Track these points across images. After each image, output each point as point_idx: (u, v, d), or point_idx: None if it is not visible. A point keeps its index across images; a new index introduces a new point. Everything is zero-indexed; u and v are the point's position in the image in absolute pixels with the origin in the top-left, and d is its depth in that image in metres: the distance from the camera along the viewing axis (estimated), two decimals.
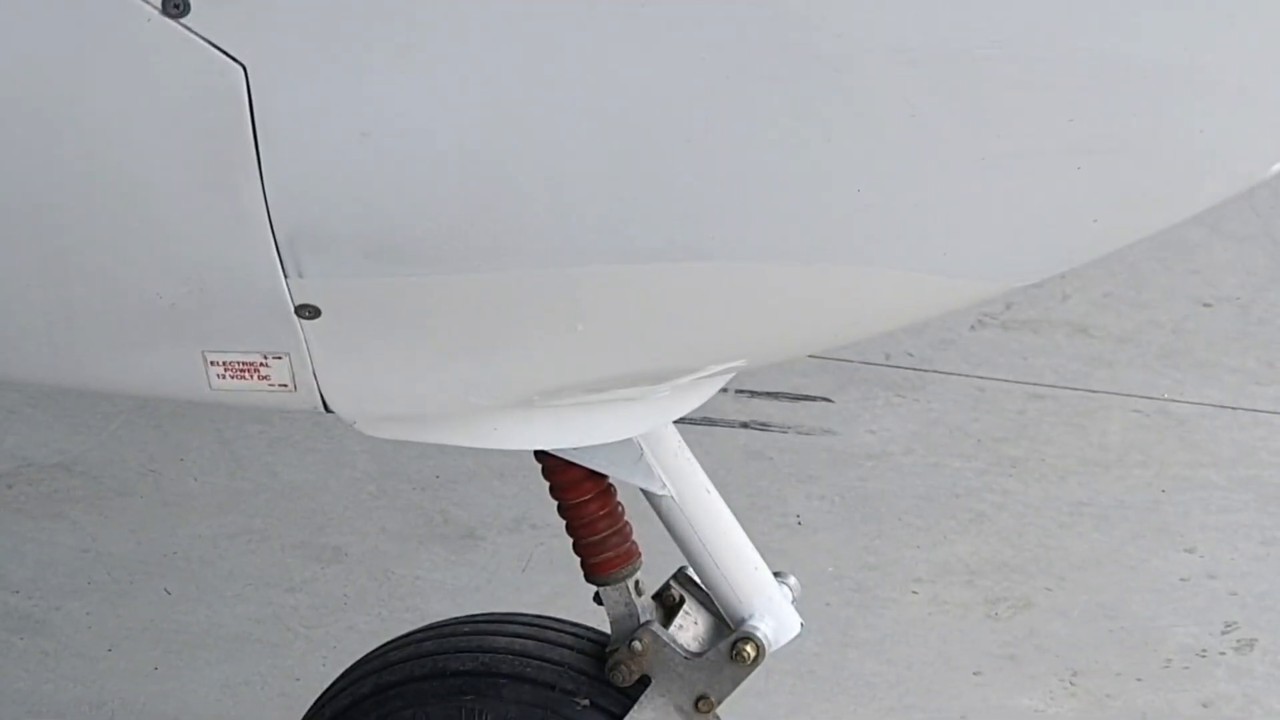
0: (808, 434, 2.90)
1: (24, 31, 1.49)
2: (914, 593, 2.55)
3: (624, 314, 1.58)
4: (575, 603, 1.93)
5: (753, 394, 2.94)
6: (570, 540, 1.79)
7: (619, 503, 1.78)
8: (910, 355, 3.04)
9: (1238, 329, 3.23)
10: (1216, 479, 2.78)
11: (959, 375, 3.02)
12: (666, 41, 1.47)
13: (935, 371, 3.04)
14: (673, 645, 1.76)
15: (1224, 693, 2.34)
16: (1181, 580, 2.54)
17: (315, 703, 1.90)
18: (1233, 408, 2.99)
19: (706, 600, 1.79)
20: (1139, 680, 2.38)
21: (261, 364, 1.56)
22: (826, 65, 1.46)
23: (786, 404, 2.97)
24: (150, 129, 1.49)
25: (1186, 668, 2.37)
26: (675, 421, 1.74)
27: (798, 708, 2.36)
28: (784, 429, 2.91)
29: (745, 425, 2.88)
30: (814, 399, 2.97)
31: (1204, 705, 2.32)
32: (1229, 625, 2.40)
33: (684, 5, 1.46)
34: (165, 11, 1.40)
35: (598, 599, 1.80)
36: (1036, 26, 1.47)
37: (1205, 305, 3.20)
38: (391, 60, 1.45)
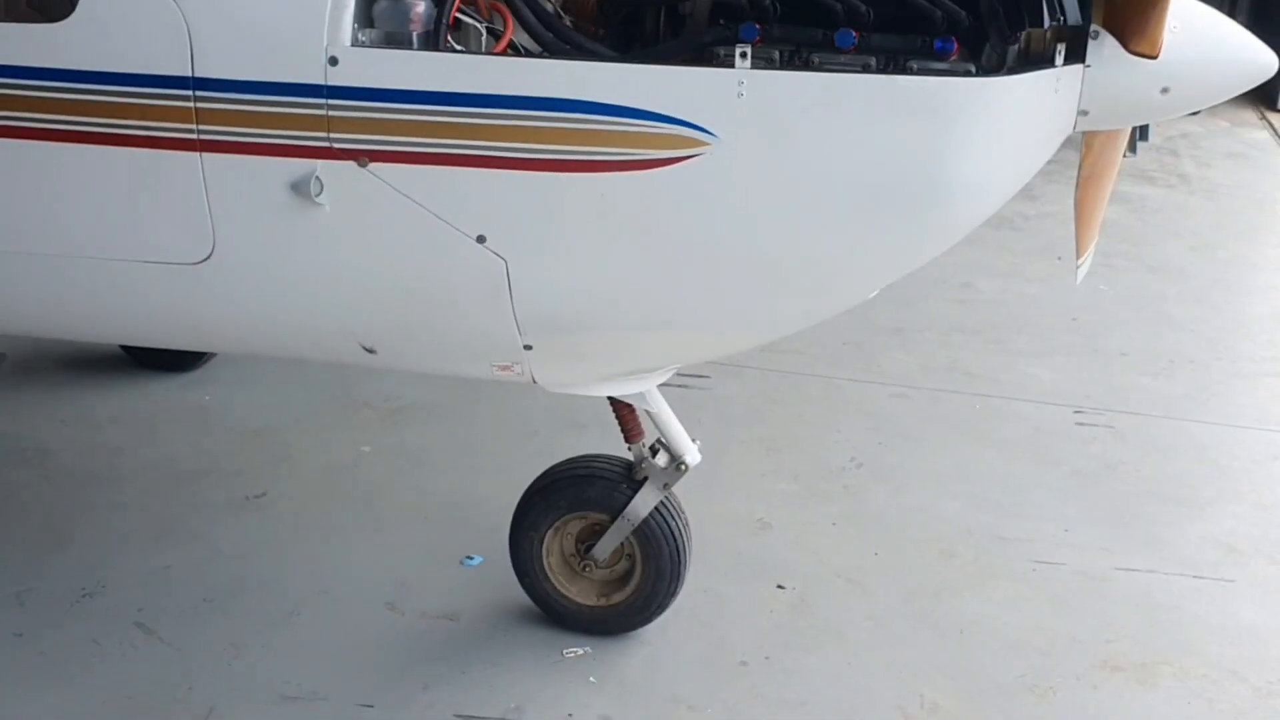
0: (702, 389, 4.19)
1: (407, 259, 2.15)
2: (741, 442, 4.02)
3: (649, 344, 2.36)
4: (619, 450, 2.94)
5: (682, 374, 3.84)
6: (619, 427, 2.86)
7: (639, 416, 2.78)
8: (745, 361, 4.28)
9: None
10: None
11: (758, 369, 4.38)
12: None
13: (749, 368, 4.36)
14: (656, 466, 2.76)
15: None
16: None
17: (526, 490, 2.88)
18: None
19: (667, 448, 2.77)
20: None
21: (510, 366, 2.43)
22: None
23: (693, 378, 4.20)
24: (484, 295, 2.19)
25: None
26: (658, 385, 2.62)
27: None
28: (693, 387, 4.17)
29: (681, 386, 4.03)
30: (705, 376, 4.26)
31: None
32: None
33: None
34: (477, 240, 2.19)
35: (628, 448, 2.81)
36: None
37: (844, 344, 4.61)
38: (564, 261, 2.16)
